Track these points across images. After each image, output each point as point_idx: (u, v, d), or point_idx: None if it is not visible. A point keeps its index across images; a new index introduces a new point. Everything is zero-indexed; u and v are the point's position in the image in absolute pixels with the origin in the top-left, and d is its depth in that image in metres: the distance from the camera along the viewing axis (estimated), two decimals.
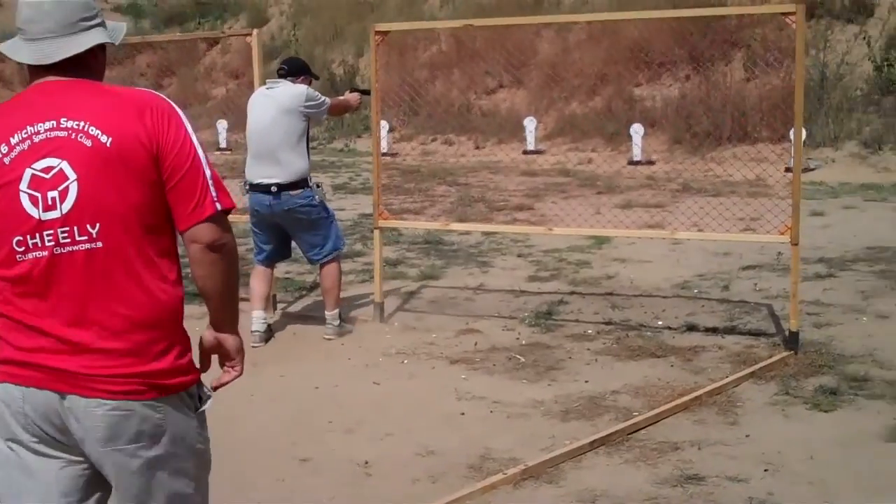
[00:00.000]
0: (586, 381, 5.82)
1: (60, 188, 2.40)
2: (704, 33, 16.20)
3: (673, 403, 5.31)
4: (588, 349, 6.44)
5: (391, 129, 17.51)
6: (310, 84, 7.01)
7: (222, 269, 2.55)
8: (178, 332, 2.55)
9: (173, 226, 2.52)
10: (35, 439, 2.46)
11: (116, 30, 2.64)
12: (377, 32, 7.19)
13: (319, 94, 6.89)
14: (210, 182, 2.50)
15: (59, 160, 2.41)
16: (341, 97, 7.38)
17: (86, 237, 2.41)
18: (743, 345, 6.42)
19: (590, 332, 6.83)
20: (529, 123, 16.78)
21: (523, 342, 6.63)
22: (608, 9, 18.72)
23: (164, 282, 2.49)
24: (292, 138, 6.59)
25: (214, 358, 2.74)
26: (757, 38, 16.44)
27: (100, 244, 2.41)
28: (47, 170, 2.41)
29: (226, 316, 2.66)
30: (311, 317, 7.41)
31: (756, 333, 6.66)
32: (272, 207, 6.61)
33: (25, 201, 2.40)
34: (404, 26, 10.30)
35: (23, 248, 2.41)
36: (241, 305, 3.03)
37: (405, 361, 6.34)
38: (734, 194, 11.70)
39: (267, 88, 6.87)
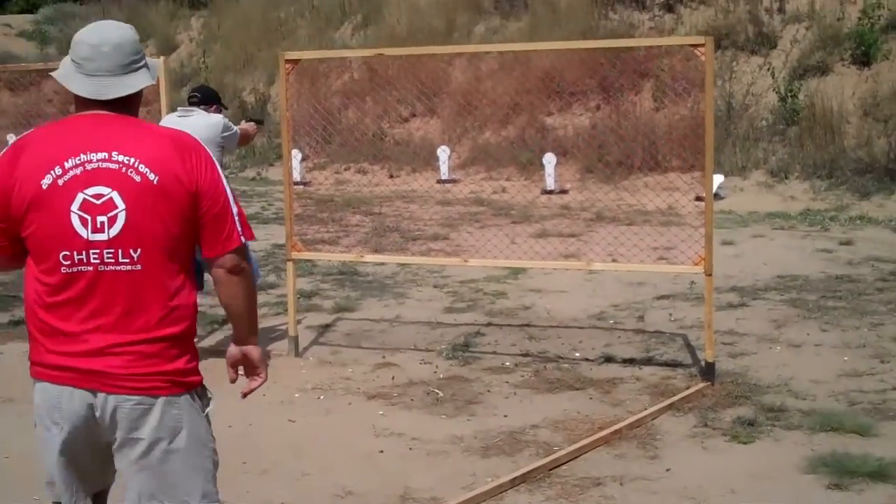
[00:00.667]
0: (505, 416, 5.76)
1: (109, 215, 2.81)
2: (614, 64, 16.40)
3: (593, 437, 5.28)
4: (507, 382, 6.39)
5: (304, 158, 17.35)
6: (220, 113, 6.87)
7: (243, 289, 3.01)
8: (191, 341, 2.99)
9: (193, 252, 2.97)
10: (69, 431, 2.89)
11: (154, 68, 3.00)
12: (288, 61, 7.07)
13: (231, 124, 6.76)
14: (236, 218, 2.94)
15: (110, 189, 2.81)
16: (239, 127, 7.23)
17: (128, 260, 2.82)
18: (660, 376, 6.42)
19: (507, 364, 6.78)
20: (443, 153, 16.76)
21: (441, 375, 6.55)
22: (520, 39, 18.89)
23: (186, 300, 2.93)
24: None
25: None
26: (665, 69, 16.70)
27: (139, 267, 2.83)
28: (98, 196, 2.81)
29: (248, 329, 3.11)
30: (223, 351, 7.22)
31: (673, 364, 6.68)
32: None
33: (76, 221, 2.80)
34: (315, 54, 10.21)
35: (69, 262, 2.82)
36: None
37: (321, 397, 6.21)
38: (647, 223, 11.81)
39: (178, 116, 6.71)
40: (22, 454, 5.30)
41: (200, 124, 6.48)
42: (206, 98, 6.84)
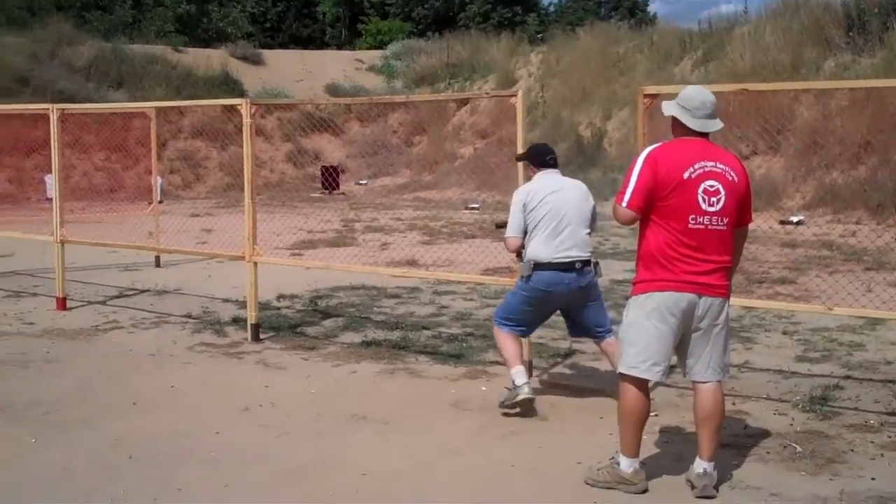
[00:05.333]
0: (873, 479, 5.31)
1: (716, 197, 4.94)
2: None
3: None
4: (872, 442, 5.90)
5: None
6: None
7: (744, 239, 5.33)
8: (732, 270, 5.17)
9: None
10: (680, 320, 5.00)
11: None
12: (646, 95, 6.94)
13: None
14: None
15: (718, 183, 4.95)
16: None
17: (722, 224, 4.97)
18: None
19: (872, 422, 6.27)
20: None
21: (798, 429, 6.16)
22: (873, 76, 17.82)
23: (734, 248, 5.14)
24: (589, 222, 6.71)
25: None
26: None
27: (725, 228, 4.99)
28: (711, 186, 4.94)
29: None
30: (567, 386, 7.20)
31: None
32: (570, 285, 6.47)
33: (700, 199, 4.92)
34: (673, 89, 9.97)
35: (694, 223, 4.92)
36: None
37: (668, 441, 6.00)
38: None
39: (556, 175, 6.70)
40: (380, 472, 5.46)
41: (582, 188, 6.81)
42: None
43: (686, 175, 4.87)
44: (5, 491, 5.27)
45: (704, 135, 5.06)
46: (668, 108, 5.14)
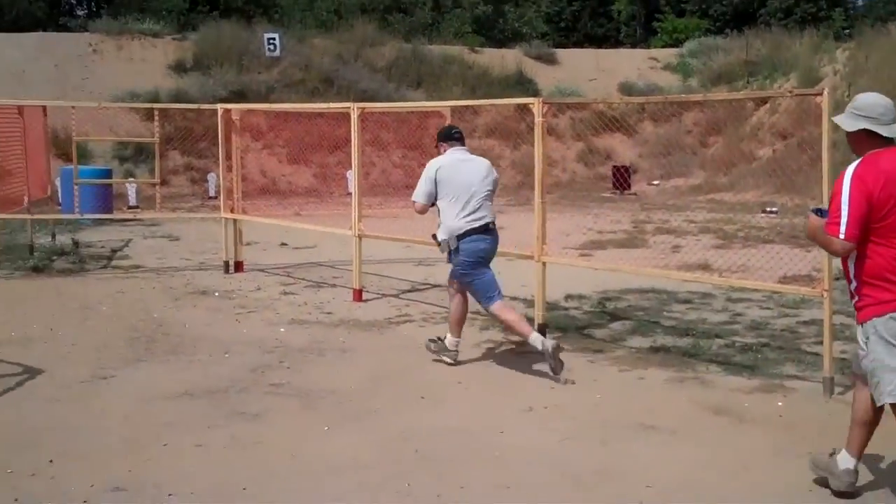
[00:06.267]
0: None
1: None
2: None
3: None
4: None
5: None
6: None
7: None
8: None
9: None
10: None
11: None
12: None
13: None
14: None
15: None
16: None
17: None
18: None
19: None
20: None
21: None
22: None
23: None
24: None
25: None
26: None
27: None
28: None
29: None
30: None
31: None
32: (490, 243, 7.78)
33: None
34: None
35: None
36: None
37: None
38: None
39: (463, 150, 7.91)
40: (665, 485, 5.25)
41: None
42: None
43: None
44: (296, 476, 5.46)
45: (892, 141, 4.80)
46: (855, 122, 4.82)
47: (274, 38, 29.41)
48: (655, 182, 27.84)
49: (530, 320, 8.93)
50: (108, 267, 13.12)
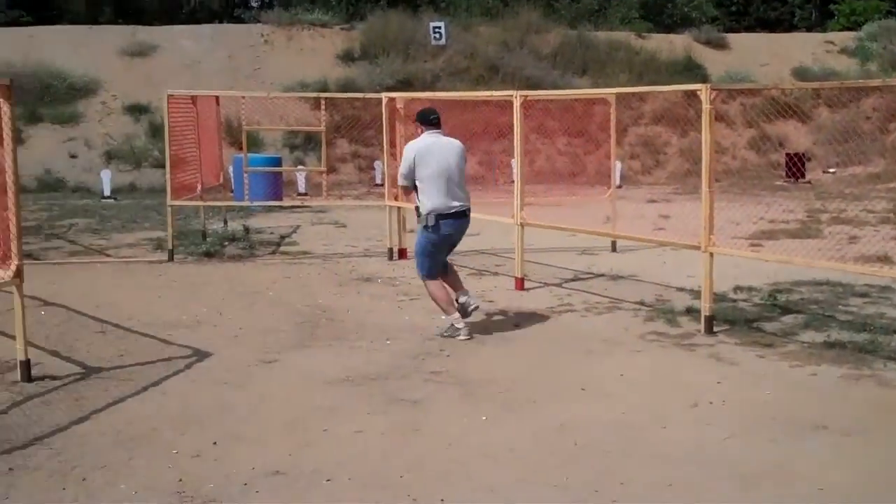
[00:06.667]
0: None
1: None
2: None
3: None
4: None
5: None
6: None
7: None
8: None
9: None
10: None
11: None
12: None
13: None
14: None
15: None
16: None
17: None
18: None
19: None
20: None
21: None
22: None
23: None
24: None
25: None
26: None
27: None
28: None
29: None
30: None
31: None
32: (461, 228, 8.50)
33: None
34: None
35: None
36: None
37: None
38: None
39: (439, 133, 8.40)
40: (838, 489, 4.98)
41: None
42: None
43: None
44: (453, 465, 5.42)
45: None
46: None
47: (440, 27, 29.56)
48: (831, 170, 26.77)
49: (696, 311, 8.68)
50: (277, 253, 13.42)
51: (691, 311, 8.97)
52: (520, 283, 10.53)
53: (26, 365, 7.06)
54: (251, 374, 7.33)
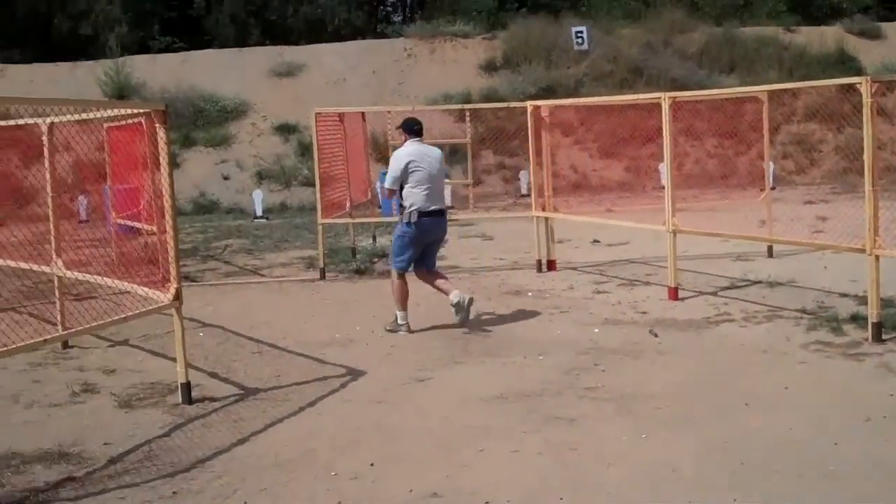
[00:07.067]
0: None
1: None
2: None
3: None
4: None
5: None
6: None
7: None
8: None
9: None
10: None
11: None
12: None
13: None
14: None
15: None
16: None
17: None
18: None
19: None
20: None
21: None
22: None
23: None
24: None
25: None
26: None
27: None
28: None
29: None
30: None
31: None
32: (440, 226, 9.52)
33: None
34: None
35: None
36: None
37: None
38: None
39: (422, 142, 9.49)
40: None
41: None
42: None
43: None
44: (613, 486, 5.26)
45: None
46: None
47: (582, 32, 29.27)
48: None
49: (863, 318, 8.28)
50: None
51: (857, 319, 8.56)
52: (673, 293, 10.25)
53: (187, 387, 7.21)
54: (405, 393, 7.32)
